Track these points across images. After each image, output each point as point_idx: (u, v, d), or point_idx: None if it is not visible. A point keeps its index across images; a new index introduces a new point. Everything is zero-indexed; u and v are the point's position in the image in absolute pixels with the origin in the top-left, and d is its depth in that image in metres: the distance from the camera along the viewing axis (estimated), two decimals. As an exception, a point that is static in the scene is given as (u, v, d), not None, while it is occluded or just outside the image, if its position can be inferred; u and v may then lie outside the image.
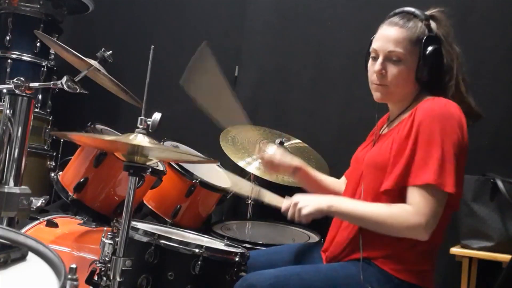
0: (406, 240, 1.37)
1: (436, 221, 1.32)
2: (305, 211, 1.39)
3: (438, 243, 1.45)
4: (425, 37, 1.43)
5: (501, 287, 1.43)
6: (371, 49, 1.51)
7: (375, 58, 1.48)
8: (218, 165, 2.45)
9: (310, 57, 2.92)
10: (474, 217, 2.13)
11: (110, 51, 1.78)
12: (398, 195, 1.37)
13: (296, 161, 1.69)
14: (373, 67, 1.48)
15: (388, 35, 1.46)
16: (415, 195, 1.33)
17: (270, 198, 1.61)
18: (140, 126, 1.37)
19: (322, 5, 2.92)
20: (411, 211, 1.32)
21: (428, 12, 1.49)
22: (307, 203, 1.40)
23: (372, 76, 1.49)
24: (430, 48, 1.42)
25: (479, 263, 2.16)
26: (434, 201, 1.31)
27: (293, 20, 2.97)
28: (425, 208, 1.31)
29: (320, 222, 1.57)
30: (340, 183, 1.74)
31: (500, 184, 2.09)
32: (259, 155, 1.70)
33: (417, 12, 1.47)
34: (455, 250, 2.14)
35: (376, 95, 1.50)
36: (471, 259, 2.13)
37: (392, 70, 1.45)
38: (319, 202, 1.41)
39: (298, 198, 1.44)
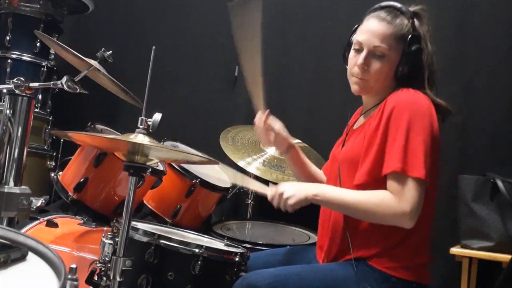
0: (393, 235, 1.38)
1: (419, 208, 1.31)
2: (291, 202, 1.39)
3: (427, 235, 1.46)
4: (410, 36, 1.44)
5: (501, 287, 1.43)
6: (354, 40, 1.50)
7: (359, 51, 1.48)
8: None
9: (310, 57, 2.92)
10: (474, 217, 2.13)
11: (110, 51, 1.78)
12: (372, 188, 1.38)
13: (292, 139, 1.70)
14: (355, 59, 1.48)
15: (375, 30, 1.46)
16: (393, 184, 1.33)
17: (255, 186, 1.61)
18: (141, 126, 1.37)
19: (322, 5, 2.92)
20: (394, 198, 1.32)
21: (412, 9, 1.50)
22: (293, 193, 1.39)
23: (353, 69, 1.50)
24: (413, 47, 1.43)
25: (479, 263, 2.16)
26: (413, 188, 1.30)
27: (293, 20, 2.97)
28: (407, 195, 1.30)
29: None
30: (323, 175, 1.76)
31: (500, 184, 2.09)
32: (259, 121, 1.66)
33: (403, 8, 1.48)
34: (455, 250, 2.14)
35: (355, 88, 1.51)
36: (471, 259, 2.13)
37: (375, 65, 1.46)
38: (305, 190, 1.40)
39: (283, 187, 1.42)
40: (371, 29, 1.46)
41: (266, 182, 2.33)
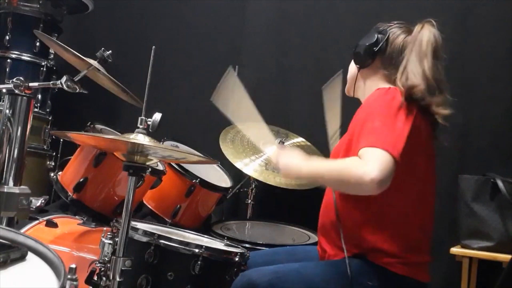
0: (387, 227, 1.38)
1: (386, 176, 1.23)
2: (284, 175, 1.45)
3: (427, 232, 1.46)
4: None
5: (501, 287, 1.43)
6: None
7: None
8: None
9: (310, 57, 2.91)
10: (474, 217, 2.13)
11: (110, 51, 1.78)
12: None
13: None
14: None
15: None
16: (362, 151, 1.29)
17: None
18: (141, 126, 1.37)
19: (322, 5, 2.92)
20: (359, 161, 1.27)
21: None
22: (280, 165, 1.44)
23: None
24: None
25: (479, 263, 2.16)
26: (379, 156, 1.25)
27: (293, 20, 2.97)
28: (372, 160, 1.25)
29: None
30: None
31: (500, 184, 2.09)
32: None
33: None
34: (455, 250, 2.14)
35: None
36: (471, 259, 2.13)
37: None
38: (296, 167, 1.42)
39: (281, 159, 1.45)
40: None
41: (266, 185, 2.36)
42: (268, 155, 1.46)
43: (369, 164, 1.24)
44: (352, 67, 1.64)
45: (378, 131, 1.31)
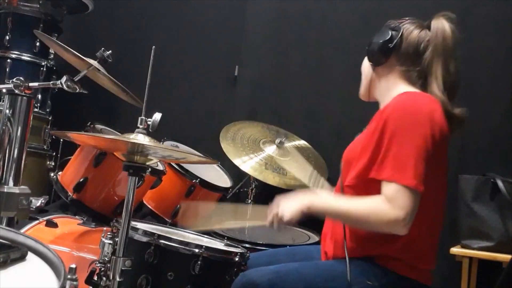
0: (396, 240, 1.35)
1: (413, 215, 1.27)
2: (286, 219, 1.38)
3: (433, 242, 1.44)
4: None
5: (501, 287, 1.43)
6: None
7: None
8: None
9: (310, 56, 2.92)
10: (474, 217, 2.13)
11: (110, 51, 1.78)
12: (362, 189, 1.37)
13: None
14: None
15: None
16: (385, 191, 1.30)
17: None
18: (140, 126, 1.37)
19: (322, 5, 2.92)
20: (386, 206, 1.28)
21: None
22: (287, 209, 1.38)
23: None
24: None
25: (479, 263, 2.16)
26: (405, 195, 1.27)
27: (293, 20, 2.97)
28: (399, 203, 1.27)
29: (320, 222, 1.57)
30: None
31: (500, 184, 2.09)
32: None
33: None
34: (455, 250, 2.14)
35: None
36: (471, 259, 2.13)
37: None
38: (300, 204, 1.39)
39: (277, 204, 1.41)
40: None
41: (268, 186, 2.35)
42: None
43: (400, 210, 1.27)
44: (366, 68, 1.57)
45: (405, 161, 1.29)
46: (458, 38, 1.47)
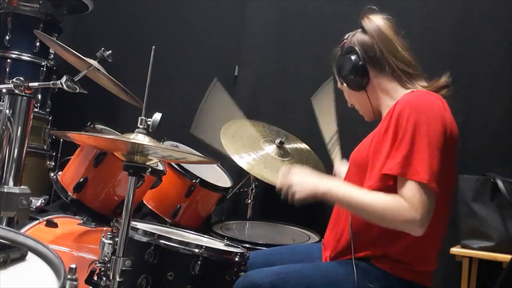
0: (399, 241, 1.35)
1: (430, 215, 1.28)
2: (299, 196, 1.38)
3: (437, 245, 1.44)
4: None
5: (501, 287, 1.43)
6: None
7: None
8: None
9: (310, 56, 2.91)
10: (474, 217, 2.12)
11: (110, 51, 1.78)
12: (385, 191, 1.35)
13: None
14: None
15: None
16: (403, 190, 1.29)
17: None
18: (141, 126, 1.37)
19: (322, 5, 2.91)
20: (406, 205, 1.28)
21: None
22: (303, 188, 1.38)
23: None
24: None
25: (479, 263, 2.16)
26: (423, 195, 1.27)
27: (293, 20, 2.97)
28: (418, 202, 1.26)
29: (320, 222, 1.57)
30: None
31: (500, 184, 2.09)
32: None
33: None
34: (455, 250, 2.14)
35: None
36: (471, 259, 2.13)
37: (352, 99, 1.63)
38: (316, 186, 1.38)
39: (294, 178, 1.41)
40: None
41: (268, 185, 2.34)
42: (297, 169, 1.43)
43: (416, 210, 1.26)
44: (358, 97, 1.57)
45: (421, 158, 1.28)
46: (392, 23, 1.55)
